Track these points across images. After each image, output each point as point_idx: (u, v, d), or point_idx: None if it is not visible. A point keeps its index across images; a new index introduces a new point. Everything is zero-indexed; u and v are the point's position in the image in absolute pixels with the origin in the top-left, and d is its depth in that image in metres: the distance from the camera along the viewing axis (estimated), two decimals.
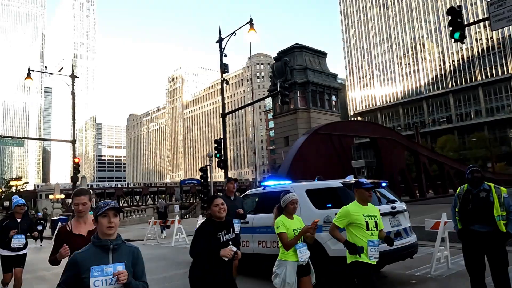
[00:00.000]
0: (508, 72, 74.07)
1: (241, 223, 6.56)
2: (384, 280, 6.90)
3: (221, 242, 3.55)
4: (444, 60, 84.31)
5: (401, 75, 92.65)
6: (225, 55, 19.28)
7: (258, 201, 7.57)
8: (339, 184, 6.28)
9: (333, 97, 32.96)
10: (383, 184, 6.47)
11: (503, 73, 74.68)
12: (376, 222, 3.97)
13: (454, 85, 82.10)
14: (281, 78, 28.45)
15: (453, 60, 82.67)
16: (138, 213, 32.87)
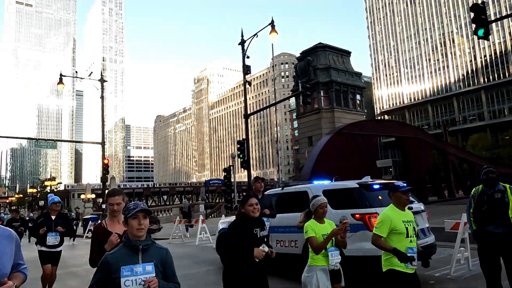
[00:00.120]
0: None
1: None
2: None
3: (258, 238, 3.55)
4: (476, 56, 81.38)
5: (430, 72, 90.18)
6: (248, 57, 19.57)
7: (276, 201, 7.72)
8: (355, 185, 6.35)
9: (357, 96, 32.60)
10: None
11: None
12: (414, 229, 3.71)
13: (486, 81, 79.08)
14: (304, 78, 28.45)
15: (485, 55, 79.63)
16: (165, 213, 33.84)
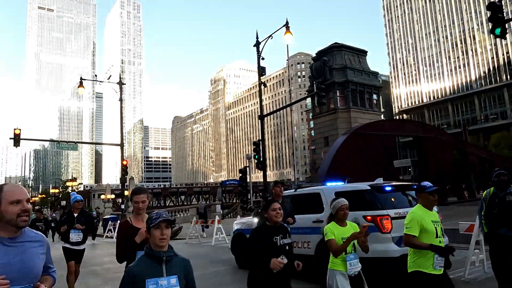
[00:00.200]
0: None
1: None
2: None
3: (278, 246, 3.45)
4: (497, 52, 79.26)
5: (450, 70, 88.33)
6: (263, 58, 19.75)
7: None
8: (367, 187, 6.40)
9: (374, 96, 32.28)
10: (415, 187, 6.49)
11: None
12: (442, 229, 3.67)
13: (509, 78, 76.90)
14: (320, 78, 28.38)
15: (507, 52, 77.47)
16: (183, 213, 34.35)
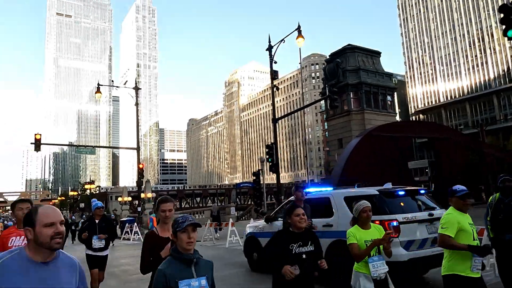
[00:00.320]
0: None
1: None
2: (427, 286, 6.96)
3: (292, 254, 3.36)
4: None
5: (467, 69, 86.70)
6: (275, 62, 20.02)
7: None
8: (375, 192, 6.49)
9: (388, 97, 32.04)
10: (422, 191, 6.57)
11: None
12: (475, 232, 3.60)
13: None
14: (333, 80, 28.35)
15: None
16: (198, 215, 34.72)
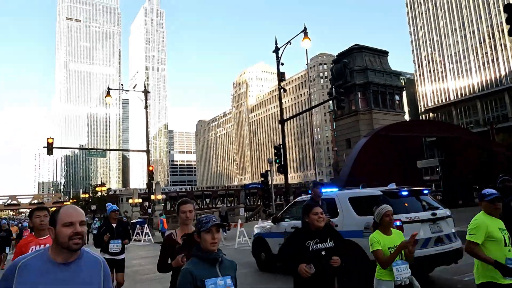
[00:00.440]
0: None
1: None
2: (432, 285, 7.04)
3: (309, 252, 3.32)
4: None
5: (478, 66, 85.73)
6: (282, 64, 20.16)
7: None
8: (379, 193, 6.61)
9: (396, 97, 31.91)
10: (425, 192, 6.68)
11: None
12: (510, 237, 3.43)
13: None
14: (341, 81, 28.40)
15: None
16: None
